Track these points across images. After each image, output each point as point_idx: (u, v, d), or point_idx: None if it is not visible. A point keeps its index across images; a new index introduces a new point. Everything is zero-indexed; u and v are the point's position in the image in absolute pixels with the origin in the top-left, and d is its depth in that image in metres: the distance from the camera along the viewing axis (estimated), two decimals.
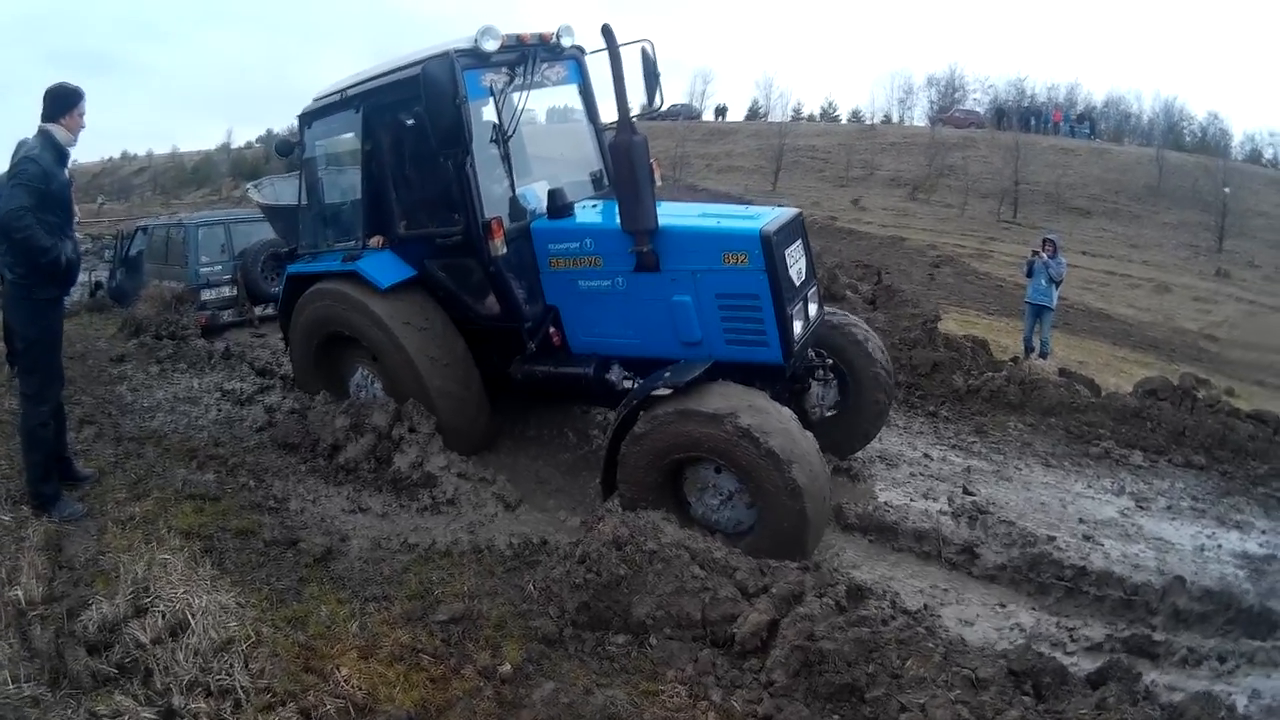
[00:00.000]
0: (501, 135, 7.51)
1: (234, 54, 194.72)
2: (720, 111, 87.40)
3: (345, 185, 9.09)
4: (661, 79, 8.02)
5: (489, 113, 7.77)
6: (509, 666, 4.66)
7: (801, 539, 6.09)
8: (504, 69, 7.74)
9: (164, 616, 4.87)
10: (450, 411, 7.82)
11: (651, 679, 4.65)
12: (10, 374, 9.98)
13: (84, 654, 4.71)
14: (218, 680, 4.43)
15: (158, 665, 4.56)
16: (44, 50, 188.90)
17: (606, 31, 6.85)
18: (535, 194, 7.87)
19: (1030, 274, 17.96)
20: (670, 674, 4.67)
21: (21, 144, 6.53)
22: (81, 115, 6.71)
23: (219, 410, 9.69)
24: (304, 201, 9.07)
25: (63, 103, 6.61)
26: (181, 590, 5.08)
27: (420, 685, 4.50)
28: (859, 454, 8.66)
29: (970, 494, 8.07)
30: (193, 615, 4.86)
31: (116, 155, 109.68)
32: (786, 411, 6.49)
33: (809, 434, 6.45)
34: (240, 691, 4.37)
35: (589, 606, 5.13)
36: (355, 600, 5.48)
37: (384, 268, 7.97)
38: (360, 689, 4.40)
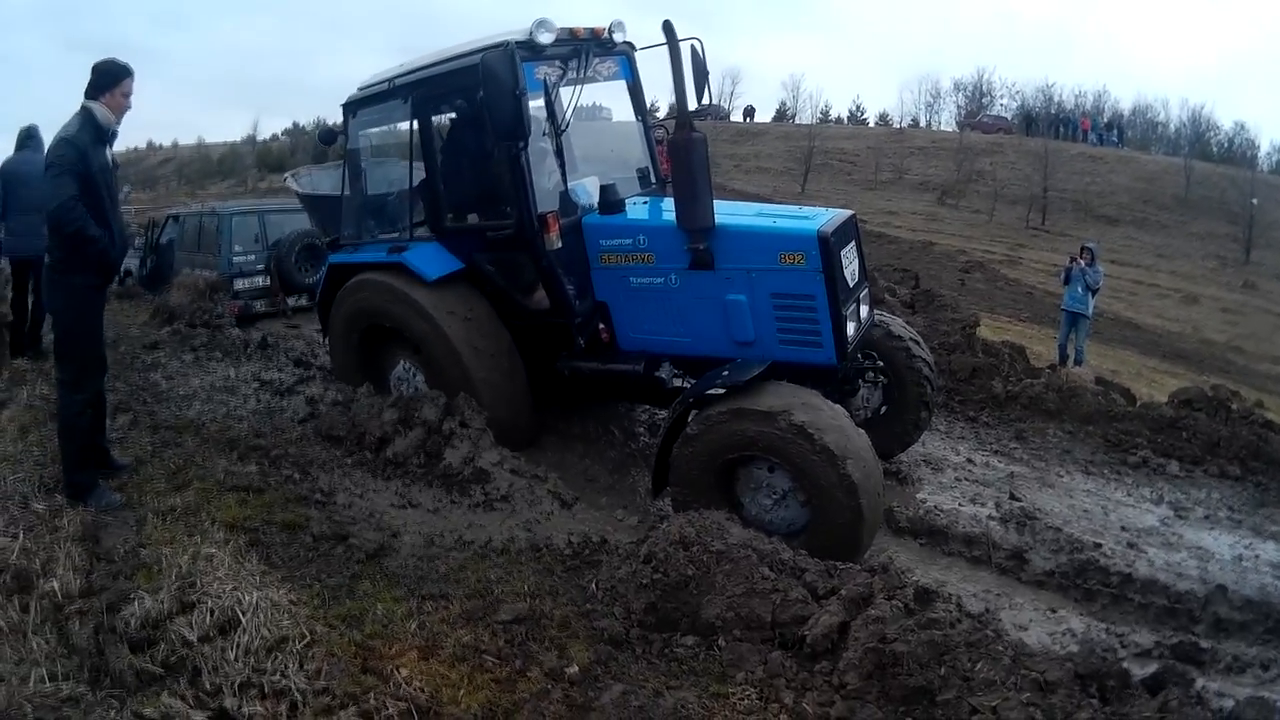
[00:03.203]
0: (555, 129, 7.50)
1: (255, 44, 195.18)
2: (749, 112, 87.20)
3: (390, 176, 9.07)
4: (710, 77, 7.89)
5: (540, 106, 7.70)
6: (576, 668, 4.53)
7: (856, 536, 6.05)
8: (557, 62, 7.69)
9: (212, 613, 4.69)
10: (494, 403, 7.73)
11: (721, 681, 4.54)
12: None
13: (127, 651, 4.53)
14: (272, 681, 4.28)
15: (206, 664, 4.38)
16: (63, 36, 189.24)
17: (667, 28, 6.80)
18: (586, 189, 7.85)
19: (1067, 281, 17.91)
20: (740, 676, 4.55)
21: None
22: (126, 95, 6.52)
23: (258, 400, 9.55)
24: (347, 192, 8.99)
25: (106, 79, 6.42)
26: (229, 586, 4.92)
27: (485, 687, 4.37)
28: (904, 457, 8.65)
29: (1017, 499, 8.02)
30: (242, 612, 4.68)
31: (142, 145, 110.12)
32: (839, 409, 6.44)
33: (862, 431, 6.39)
34: (296, 693, 4.21)
35: (656, 607, 5.02)
36: (412, 598, 5.32)
37: (431, 260, 7.91)
38: (423, 691, 4.27)
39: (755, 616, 4.83)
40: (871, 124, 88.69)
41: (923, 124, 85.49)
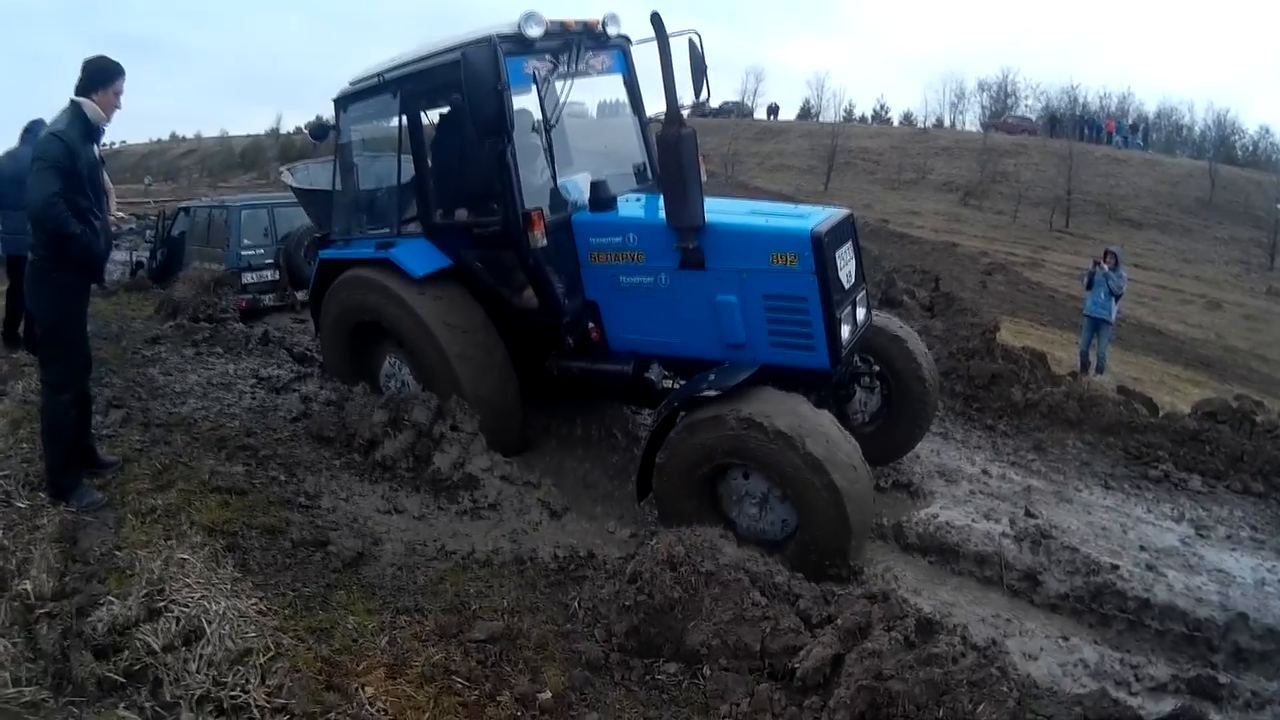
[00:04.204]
0: (544, 124, 7.32)
1: (278, 38, 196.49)
2: (772, 110, 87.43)
3: (380, 171, 8.98)
4: (709, 72, 7.80)
5: (531, 101, 7.54)
6: (549, 694, 4.32)
7: (839, 508, 5.89)
8: (547, 56, 7.53)
9: (178, 621, 4.59)
10: (473, 379, 7.56)
11: (704, 712, 4.35)
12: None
13: (90, 658, 4.44)
14: (231, 696, 4.14)
15: (168, 675, 4.29)
16: (88, 33, 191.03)
17: (656, 20, 6.59)
18: (577, 185, 7.68)
19: (1090, 286, 17.67)
20: (724, 708, 4.34)
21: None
22: (118, 94, 6.35)
23: (253, 397, 9.37)
24: (338, 186, 8.85)
25: (99, 77, 6.24)
26: (199, 593, 4.81)
27: (451, 710, 4.17)
28: (918, 468, 8.44)
29: (1032, 516, 7.73)
30: (208, 622, 4.57)
31: (165, 137, 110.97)
32: (793, 395, 6.36)
33: (820, 410, 6.29)
34: (255, 709, 4.07)
35: (639, 630, 4.81)
36: (386, 611, 5.13)
37: (418, 256, 7.78)
38: (386, 712, 4.10)
39: (743, 645, 4.62)
40: (895, 123, 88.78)
41: (947, 124, 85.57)
